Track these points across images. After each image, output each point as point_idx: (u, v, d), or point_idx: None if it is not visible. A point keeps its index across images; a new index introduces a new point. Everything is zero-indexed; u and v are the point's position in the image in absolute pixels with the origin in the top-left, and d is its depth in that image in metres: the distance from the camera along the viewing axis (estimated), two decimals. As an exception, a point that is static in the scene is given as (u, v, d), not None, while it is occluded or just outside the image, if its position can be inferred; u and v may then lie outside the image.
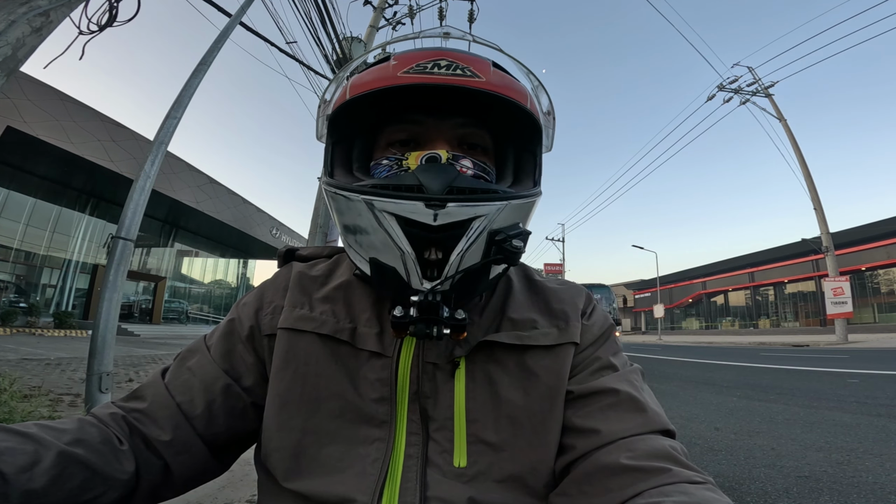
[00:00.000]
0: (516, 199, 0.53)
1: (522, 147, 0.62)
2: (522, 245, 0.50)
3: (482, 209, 0.50)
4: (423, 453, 0.53)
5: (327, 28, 6.57)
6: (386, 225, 0.50)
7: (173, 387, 0.58)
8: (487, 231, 0.51)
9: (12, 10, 2.03)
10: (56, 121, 12.72)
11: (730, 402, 5.47)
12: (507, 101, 0.54)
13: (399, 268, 0.51)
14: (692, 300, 44.11)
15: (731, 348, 18.13)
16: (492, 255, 0.51)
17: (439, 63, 0.53)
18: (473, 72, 0.53)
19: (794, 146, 19.35)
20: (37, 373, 6.09)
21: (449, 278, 0.50)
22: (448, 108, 0.58)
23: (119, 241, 3.51)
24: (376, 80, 0.54)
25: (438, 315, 0.49)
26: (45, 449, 0.44)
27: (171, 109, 3.99)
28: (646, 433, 0.50)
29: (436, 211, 0.48)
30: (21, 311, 15.22)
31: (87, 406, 3.19)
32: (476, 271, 0.51)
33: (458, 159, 0.57)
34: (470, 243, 0.50)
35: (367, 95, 0.54)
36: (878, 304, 28.45)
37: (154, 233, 21.92)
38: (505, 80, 0.56)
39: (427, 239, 0.50)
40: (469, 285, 0.52)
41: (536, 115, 0.58)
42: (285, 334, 0.59)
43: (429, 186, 0.49)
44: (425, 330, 0.49)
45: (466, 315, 0.51)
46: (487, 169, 0.60)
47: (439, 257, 0.51)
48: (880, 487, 2.54)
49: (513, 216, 0.53)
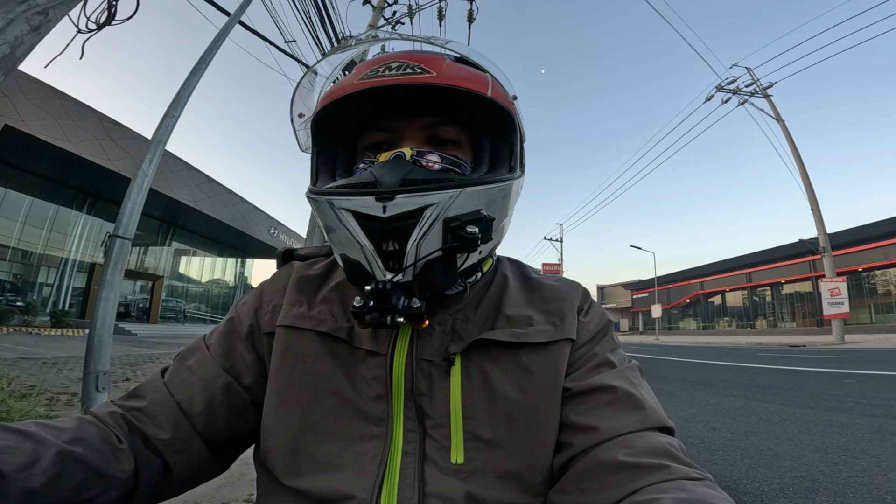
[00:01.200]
0: (471, 185, 0.53)
1: (497, 136, 0.63)
2: (477, 231, 0.51)
3: (432, 198, 0.50)
4: (420, 450, 0.53)
5: (326, 27, 6.58)
6: (345, 222, 0.52)
7: (173, 385, 0.58)
8: (442, 219, 0.51)
9: (11, 8, 2.02)
10: (54, 119, 12.67)
11: (727, 402, 5.49)
12: (463, 93, 0.56)
13: (363, 261, 0.53)
14: (690, 300, 44.21)
15: (729, 348, 18.18)
16: (448, 243, 0.51)
17: (390, 65, 0.56)
18: (424, 68, 0.55)
19: (792, 147, 19.41)
20: (33, 372, 6.06)
21: (408, 267, 0.51)
22: (414, 107, 0.60)
23: (116, 240, 3.50)
24: (338, 89, 0.57)
25: (391, 303, 0.49)
26: (44, 448, 0.44)
27: (169, 108, 3.98)
28: (644, 430, 0.50)
29: (384, 203, 0.50)
30: (18, 309, 15.14)
31: (84, 405, 3.19)
32: (439, 259, 0.52)
33: (424, 155, 0.58)
34: (423, 232, 0.51)
35: (333, 105, 0.57)
36: (875, 305, 28.56)
37: (151, 232, 21.83)
38: (460, 71, 0.58)
39: (382, 231, 0.51)
40: (434, 274, 0.53)
41: (502, 102, 0.59)
42: (284, 332, 0.59)
43: (382, 181, 0.51)
44: (379, 318, 0.49)
45: (423, 304, 0.51)
46: (458, 161, 0.60)
47: (396, 248, 0.52)
48: (876, 487, 2.55)
49: (472, 203, 0.53)
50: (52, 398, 4.38)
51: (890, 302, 27.62)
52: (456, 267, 0.55)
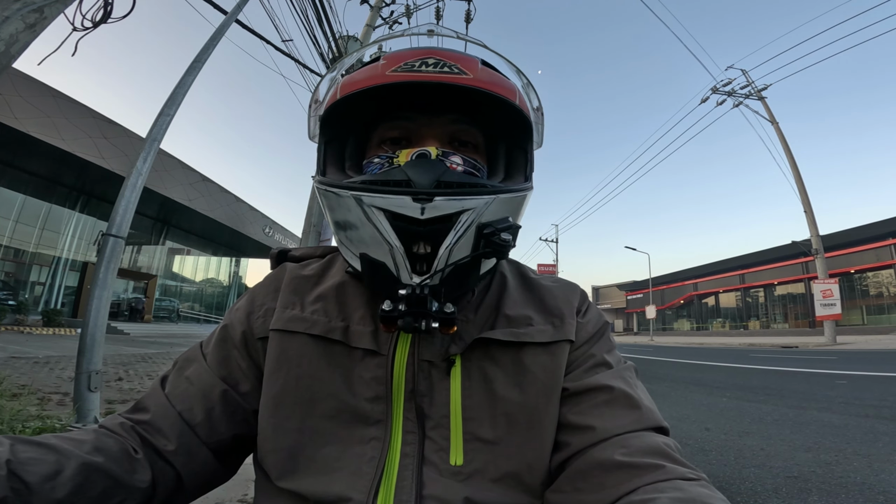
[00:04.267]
0: (505, 192, 0.53)
1: (513, 144, 0.63)
2: (511, 238, 0.50)
3: (470, 202, 0.50)
4: (419, 452, 0.52)
5: (324, 26, 6.56)
6: (374, 220, 0.50)
7: (173, 396, 0.58)
8: (476, 225, 0.51)
9: (7, 5, 2.01)
10: (47, 117, 12.56)
11: (720, 402, 5.52)
12: (495, 98, 0.55)
13: (388, 262, 0.52)
14: (684, 301, 44.42)
15: (722, 349, 18.27)
16: (480, 249, 0.51)
17: (427, 61, 0.54)
18: (461, 69, 0.54)
19: (786, 149, 19.54)
20: (25, 371, 6.01)
21: (438, 272, 0.51)
22: (438, 105, 0.58)
23: (109, 239, 3.48)
24: (366, 79, 0.55)
25: (427, 308, 0.49)
26: (66, 459, 0.45)
27: (164, 107, 3.96)
28: (640, 430, 0.50)
29: (423, 205, 0.49)
30: (9, 308, 15.01)
31: (76, 405, 3.16)
32: (466, 265, 0.52)
33: (448, 156, 0.57)
34: (458, 237, 0.50)
35: (358, 94, 0.55)
36: (867, 307, 28.82)
37: (145, 230, 21.69)
38: (493, 77, 0.57)
39: (415, 233, 0.50)
40: (459, 279, 0.53)
41: (526, 112, 0.59)
42: (277, 336, 0.58)
43: (417, 181, 0.50)
44: (413, 323, 0.49)
45: (455, 309, 0.50)
46: (478, 165, 0.60)
47: (428, 251, 0.51)
48: (868, 488, 2.58)
49: (502, 210, 0.53)
50: (44, 398, 4.34)
51: (881, 303, 27.88)
52: (479, 272, 0.55)
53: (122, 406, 4.32)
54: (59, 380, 5.56)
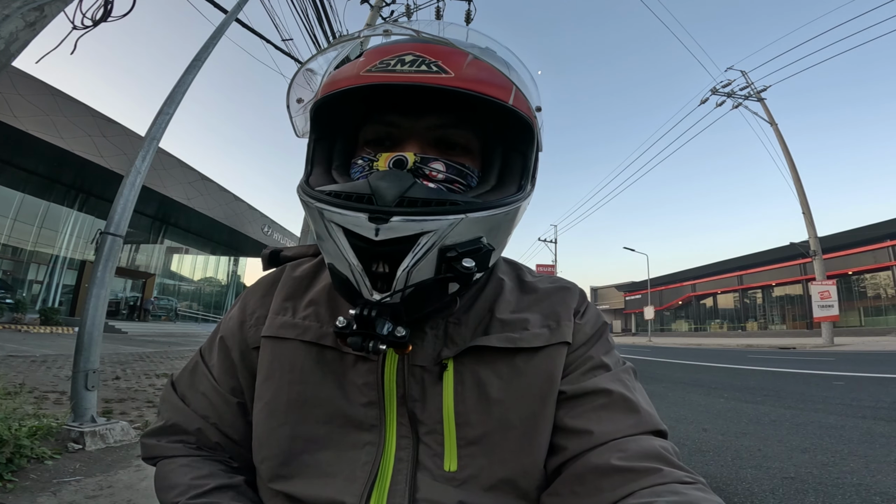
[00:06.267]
0: (477, 211, 0.49)
1: (511, 146, 0.58)
2: (473, 266, 0.46)
3: (430, 224, 0.46)
4: (413, 457, 0.52)
5: (324, 26, 6.56)
6: (334, 235, 0.48)
7: (201, 409, 0.61)
8: (437, 248, 0.47)
9: (7, 4, 2.00)
10: (46, 115, 12.53)
11: (718, 403, 5.53)
12: (479, 98, 0.50)
13: (350, 277, 0.50)
14: (682, 302, 44.52)
15: (720, 350, 18.29)
16: (442, 273, 0.48)
17: (403, 59, 0.50)
18: (441, 67, 0.49)
19: (785, 150, 19.58)
20: (22, 370, 6.00)
21: (398, 292, 0.48)
22: (420, 106, 0.54)
23: (108, 237, 3.47)
24: (342, 79, 0.52)
25: (374, 330, 0.46)
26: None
27: (163, 105, 3.96)
28: (637, 434, 0.50)
29: (378, 225, 0.45)
30: (7, 307, 14.97)
31: (73, 403, 3.15)
32: (429, 286, 0.48)
33: (428, 162, 0.53)
34: (416, 259, 0.46)
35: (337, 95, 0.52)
36: (865, 308, 28.90)
37: (143, 229, 21.66)
38: (482, 73, 0.51)
39: (372, 252, 0.47)
40: (420, 300, 0.49)
41: (523, 112, 0.53)
42: (269, 343, 0.58)
43: (380, 196, 0.46)
44: (360, 343, 0.47)
45: (407, 332, 0.47)
46: (464, 171, 0.56)
47: (386, 271, 0.48)
48: (865, 489, 2.58)
49: (473, 230, 0.49)
50: (41, 396, 4.34)
51: (879, 305, 27.97)
52: (447, 294, 0.51)
53: (119, 405, 4.31)
54: (57, 378, 5.55)
